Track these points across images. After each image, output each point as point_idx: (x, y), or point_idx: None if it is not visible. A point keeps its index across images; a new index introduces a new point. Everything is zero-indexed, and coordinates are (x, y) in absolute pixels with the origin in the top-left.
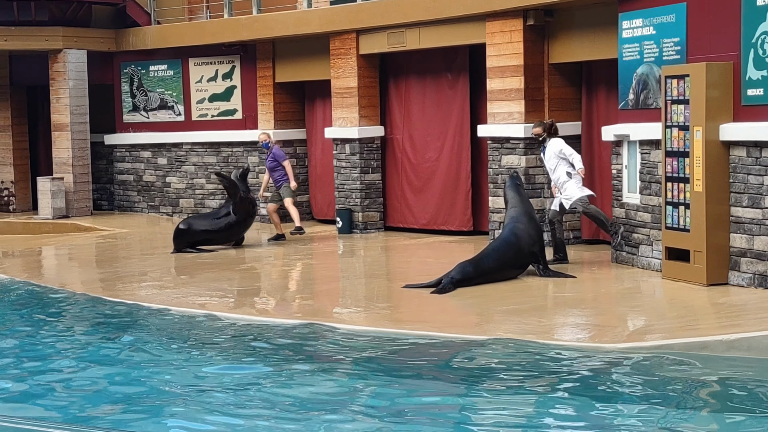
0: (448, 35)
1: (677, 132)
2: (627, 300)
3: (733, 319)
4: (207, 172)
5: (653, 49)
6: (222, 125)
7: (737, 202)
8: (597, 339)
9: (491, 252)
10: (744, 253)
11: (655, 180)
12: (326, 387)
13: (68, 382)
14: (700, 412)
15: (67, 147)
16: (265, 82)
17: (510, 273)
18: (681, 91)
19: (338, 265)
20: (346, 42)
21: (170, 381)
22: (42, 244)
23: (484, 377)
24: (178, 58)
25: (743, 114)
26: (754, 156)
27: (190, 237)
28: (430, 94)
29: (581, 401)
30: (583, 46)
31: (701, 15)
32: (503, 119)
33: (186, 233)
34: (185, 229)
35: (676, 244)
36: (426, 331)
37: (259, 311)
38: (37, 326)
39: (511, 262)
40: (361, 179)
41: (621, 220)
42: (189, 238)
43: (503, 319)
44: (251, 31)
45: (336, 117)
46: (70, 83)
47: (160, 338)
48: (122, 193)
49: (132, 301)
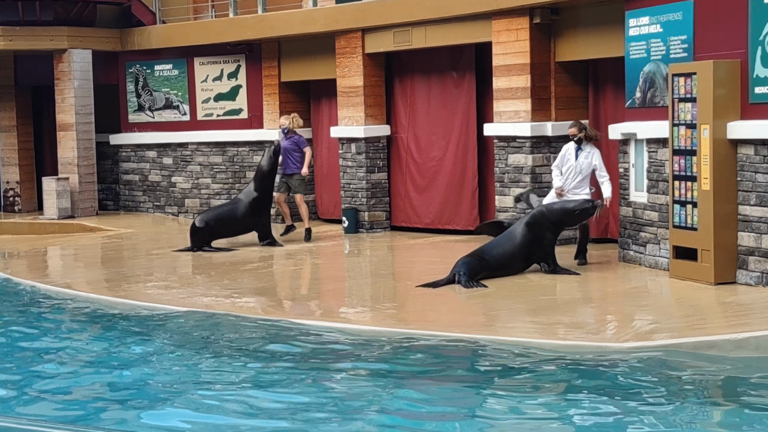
0: (454, 34)
1: (684, 130)
2: (634, 299)
3: (741, 318)
4: (212, 172)
5: (660, 47)
6: (227, 125)
7: (745, 201)
8: (604, 338)
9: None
10: (752, 252)
11: (663, 178)
12: (329, 387)
13: (68, 382)
14: (708, 411)
15: (72, 147)
16: (270, 81)
17: (516, 268)
18: (688, 89)
19: (344, 264)
20: (352, 41)
21: (171, 381)
22: (47, 245)
23: (489, 377)
24: (184, 58)
25: (751, 112)
26: (761, 154)
27: (207, 233)
28: (435, 93)
29: (588, 401)
30: (590, 44)
31: (708, 13)
32: (509, 118)
33: (203, 230)
34: (202, 226)
35: (684, 242)
36: (432, 330)
37: (265, 311)
38: (40, 327)
39: (517, 256)
40: (367, 178)
41: (628, 218)
42: (207, 234)
43: (510, 319)
44: (256, 30)
45: (342, 116)
46: (75, 83)
47: (164, 339)
48: (128, 193)
49: (137, 301)
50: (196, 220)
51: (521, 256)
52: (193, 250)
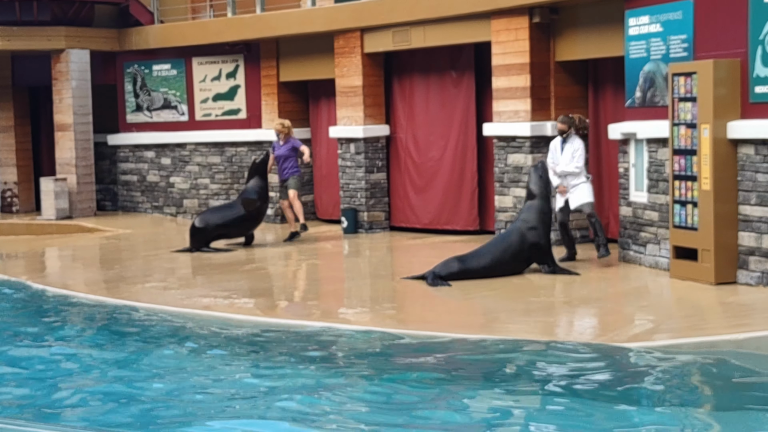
0: (453, 33)
1: (685, 130)
2: (635, 299)
3: (742, 318)
4: (211, 172)
5: (660, 46)
6: (226, 125)
7: (745, 201)
8: (604, 339)
9: (484, 251)
10: (752, 252)
11: (663, 178)
12: (327, 387)
13: (65, 383)
14: (708, 412)
15: (70, 147)
16: (269, 81)
17: (507, 270)
18: (688, 89)
19: (343, 265)
20: (351, 40)
21: (172, 384)
22: (46, 245)
23: (489, 378)
24: (182, 58)
25: (751, 111)
26: (762, 154)
27: (207, 234)
28: (434, 92)
29: (587, 401)
30: (589, 43)
31: (708, 12)
32: (509, 118)
33: (203, 230)
34: (202, 227)
35: (684, 242)
36: (431, 331)
37: (264, 312)
38: (39, 328)
39: (508, 259)
40: (366, 179)
41: (628, 218)
42: (206, 234)
43: (509, 319)
44: (255, 30)
45: (340, 116)
46: (73, 83)
47: (162, 341)
48: (126, 194)
49: (135, 303)
50: (196, 220)
51: (515, 259)
52: (191, 251)
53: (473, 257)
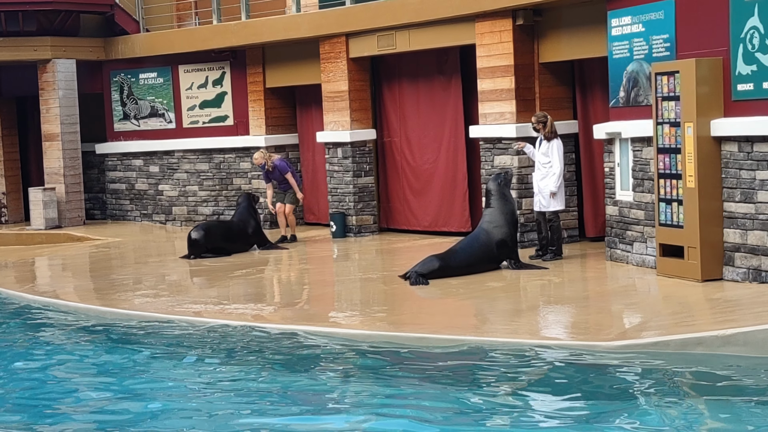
0: (438, 37)
1: (668, 128)
2: (622, 297)
3: (729, 314)
4: (199, 179)
5: (643, 46)
6: (213, 132)
7: (730, 198)
8: (593, 337)
9: (459, 249)
10: (738, 248)
11: (648, 177)
12: (318, 391)
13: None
14: (696, 407)
15: (58, 157)
16: (255, 87)
17: (480, 267)
18: (671, 88)
19: (333, 269)
20: (336, 46)
21: (166, 389)
22: (35, 255)
23: (478, 379)
24: (168, 66)
25: (734, 109)
26: (745, 151)
27: (206, 245)
28: (423, 96)
29: (576, 399)
30: (573, 44)
31: (690, 11)
32: (495, 120)
33: (202, 244)
34: (199, 239)
35: (670, 240)
36: (422, 333)
37: (255, 317)
38: (30, 338)
39: (480, 257)
40: (354, 183)
41: (614, 217)
42: (205, 246)
43: (499, 320)
44: (240, 36)
45: (327, 121)
46: (60, 93)
47: (154, 347)
48: (115, 202)
49: (126, 310)
50: (193, 232)
51: (486, 257)
52: (190, 258)
53: (450, 256)
